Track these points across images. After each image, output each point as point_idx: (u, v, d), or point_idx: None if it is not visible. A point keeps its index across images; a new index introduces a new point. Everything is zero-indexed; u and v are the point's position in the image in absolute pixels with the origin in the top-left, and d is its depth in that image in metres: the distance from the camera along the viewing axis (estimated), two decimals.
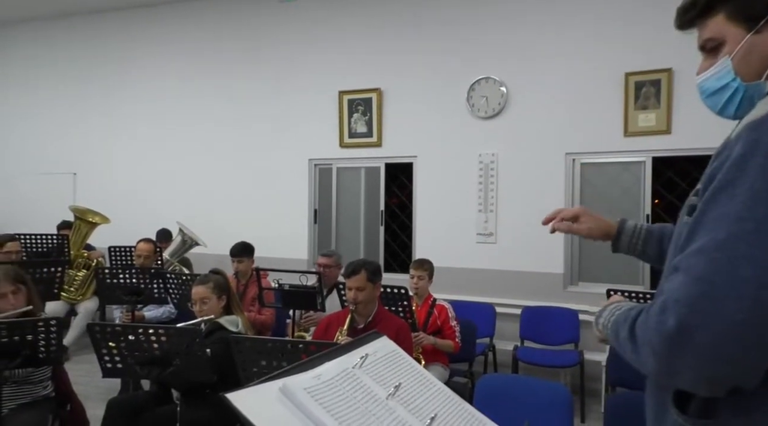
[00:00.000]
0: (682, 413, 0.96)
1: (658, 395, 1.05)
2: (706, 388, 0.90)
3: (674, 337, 0.86)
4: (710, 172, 0.95)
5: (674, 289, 0.89)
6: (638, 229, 1.48)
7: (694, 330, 0.85)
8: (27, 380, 2.63)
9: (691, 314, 0.85)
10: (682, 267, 0.89)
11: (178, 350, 2.42)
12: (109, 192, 6.84)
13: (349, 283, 3.06)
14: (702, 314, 0.84)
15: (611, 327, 1.07)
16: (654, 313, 0.91)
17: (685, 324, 0.85)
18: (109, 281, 4.21)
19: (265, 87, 6.29)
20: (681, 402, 0.97)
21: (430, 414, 1.00)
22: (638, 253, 1.49)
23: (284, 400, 0.88)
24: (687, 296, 0.86)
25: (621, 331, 1.01)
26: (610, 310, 1.11)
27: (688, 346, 0.85)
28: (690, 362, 0.86)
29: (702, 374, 0.87)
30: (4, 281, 2.63)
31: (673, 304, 0.87)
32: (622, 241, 1.50)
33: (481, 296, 5.08)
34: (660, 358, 0.89)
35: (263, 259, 4.77)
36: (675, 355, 0.87)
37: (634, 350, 0.96)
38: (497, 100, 5.27)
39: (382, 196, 5.89)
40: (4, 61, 7.74)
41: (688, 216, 0.98)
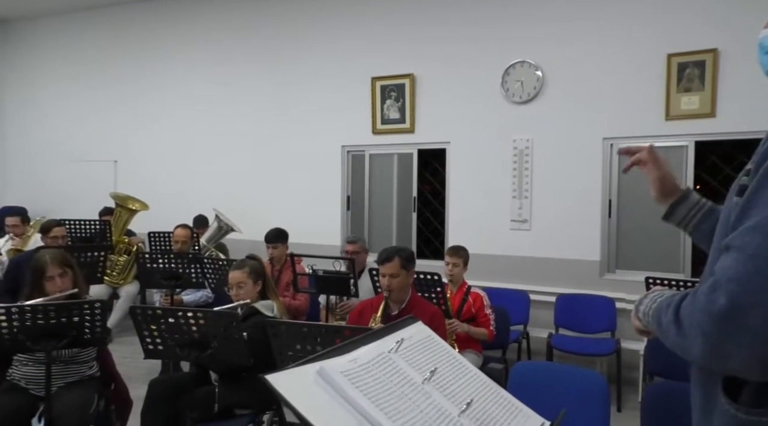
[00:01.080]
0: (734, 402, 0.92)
1: (705, 384, 1.01)
2: (759, 372, 0.86)
3: (726, 317, 0.82)
4: (764, 150, 0.91)
5: (726, 267, 0.85)
6: (702, 202, 1.38)
7: (748, 309, 0.81)
8: (74, 360, 2.73)
9: (744, 293, 0.81)
10: (735, 245, 0.86)
11: (216, 333, 2.47)
12: (147, 179, 7.02)
13: (382, 269, 3.07)
14: (756, 293, 0.81)
15: (653, 314, 1.03)
16: (703, 292, 0.87)
17: (737, 303, 0.82)
18: (149, 266, 4.33)
19: (298, 74, 6.32)
20: (731, 391, 0.93)
21: (466, 399, 1.00)
22: (691, 227, 1.37)
23: (321, 382, 0.89)
24: (740, 274, 0.82)
25: (664, 317, 0.97)
26: (652, 297, 1.08)
27: (740, 326, 0.82)
28: (743, 343, 0.82)
29: (755, 356, 0.83)
30: (51, 265, 2.73)
31: (725, 283, 0.84)
32: (680, 210, 1.38)
33: (515, 283, 5.03)
34: (709, 339, 0.85)
35: (297, 246, 4.82)
36: (726, 336, 0.83)
37: (680, 333, 0.92)
38: (532, 84, 5.17)
39: (415, 182, 5.87)
40: (47, 53, 7.98)
41: (738, 196, 0.94)
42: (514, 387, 2.22)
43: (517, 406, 1.09)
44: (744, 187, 0.92)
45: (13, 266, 4.35)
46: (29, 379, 2.66)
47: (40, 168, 7.95)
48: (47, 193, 7.75)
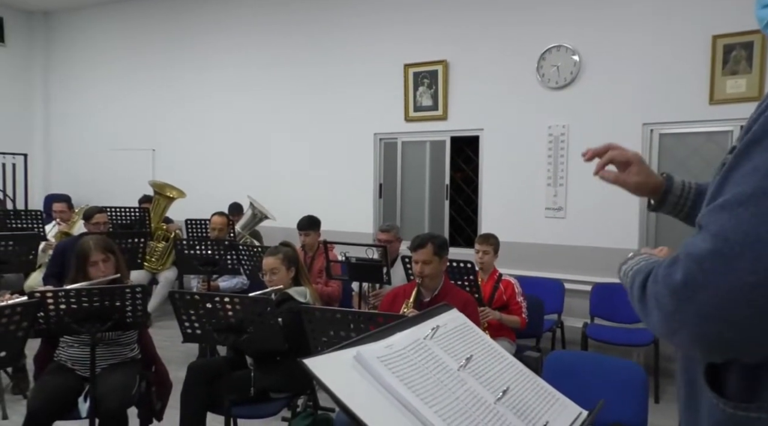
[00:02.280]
0: (720, 395, 0.89)
1: (688, 370, 0.98)
2: (705, 352, 0.85)
3: (678, 292, 0.81)
4: (747, 124, 0.87)
5: (689, 243, 0.83)
6: (687, 187, 1.30)
7: (700, 287, 0.79)
8: (116, 342, 2.83)
9: (698, 271, 0.79)
10: (703, 223, 0.83)
11: (252, 318, 2.52)
12: (184, 167, 7.16)
13: (415, 256, 3.06)
14: (710, 272, 0.78)
15: (631, 275, 1.00)
16: (664, 265, 0.85)
17: (691, 281, 0.79)
18: (186, 252, 4.44)
19: (331, 62, 6.32)
20: (715, 380, 0.90)
21: (502, 387, 1.00)
22: (684, 215, 1.31)
23: (358, 367, 0.90)
24: (700, 252, 0.80)
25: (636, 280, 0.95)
26: (638, 259, 1.05)
27: (690, 302, 0.79)
28: (690, 320, 0.80)
29: (699, 334, 0.81)
30: (95, 250, 2.82)
31: (683, 258, 0.81)
32: (668, 200, 1.31)
33: (549, 272, 4.96)
34: (663, 312, 0.84)
35: (329, 233, 4.86)
36: (676, 312, 0.81)
37: (641, 301, 0.90)
38: (569, 69, 5.05)
39: (448, 170, 5.83)
40: (88, 44, 8.19)
41: None
42: (548, 376, 2.19)
43: (554, 394, 1.08)
44: (724, 164, 0.88)
45: (59, 252, 4.52)
46: (75, 360, 2.76)
47: (83, 157, 8.21)
48: (89, 181, 8.00)
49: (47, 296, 2.49)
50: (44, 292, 2.51)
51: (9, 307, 2.22)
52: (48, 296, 2.49)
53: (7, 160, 7.57)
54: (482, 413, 0.92)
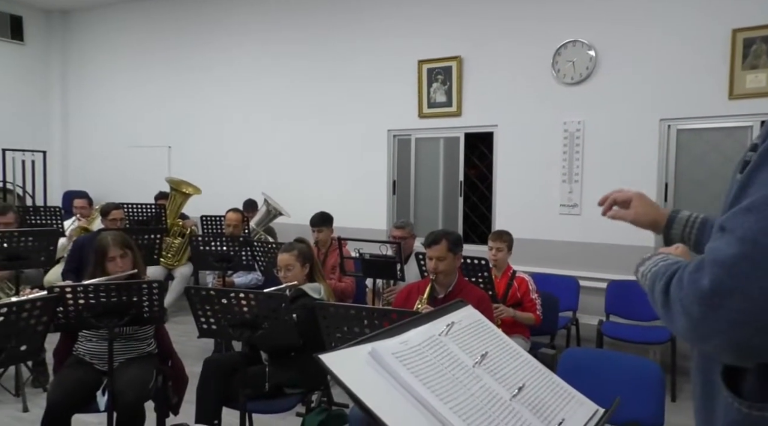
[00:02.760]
0: (737, 395, 0.87)
1: (705, 370, 0.96)
2: (735, 358, 0.83)
3: (707, 299, 0.79)
4: None
5: (714, 248, 0.81)
6: (693, 219, 1.35)
7: (729, 293, 0.77)
8: (134, 337, 2.86)
9: (727, 277, 0.77)
10: (728, 227, 0.81)
11: (267, 314, 2.53)
12: (200, 164, 7.22)
13: (429, 252, 3.06)
14: (739, 278, 0.76)
15: (650, 277, 1.00)
16: (689, 271, 0.84)
17: (719, 286, 0.78)
18: (202, 248, 4.47)
19: (345, 59, 6.32)
20: (732, 379, 0.89)
21: (517, 384, 0.99)
22: (692, 245, 1.35)
23: (373, 363, 0.90)
24: (726, 257, 0.78)
25: (657, 284, 0.94)
26: (655, 260, 1.04)
27: (720, 309, 0.78)
28: (720, 327, 0.79)
29: (730, 341, 0.79)
30: (113, 246, 2.85)
31: (710, 264, 0.80)
32: (674, 230, 1.37)
33: (564, 269, 4.92)
34: (689, 318, 0.82)
35: (342, 230, 4.87)
36: (706, 318, 0.80)
37: (665, 306, 0.89)
38: (585, 64, 5.00)
39: (462, 166, 5.81)
40: (105, 43, 8.27)
41: (740, 173, 0.88)
42: (564, 373, 2.16)
43: (569, 392, 1.07)
44: (748, 163, 0.86)
45: (77, 248, 4.59)
46: (93, 354, 2.80)
47: (100, 153, 8.31)
48: (106, 178, 8.09)
49: (66, 291, 2.53)
50: (63, 287, 2.55)
51: (29, 301, 2.25)
52: (67, 291, 2.53)
53: (26, 157, 7.69)
54: (498, 410, 0.91)
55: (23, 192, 7.72)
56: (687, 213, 1.37)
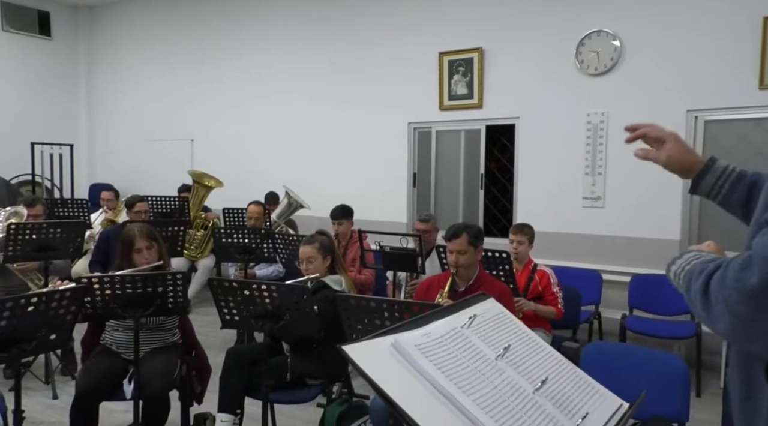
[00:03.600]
0: None
1: (746, 369, 0.93)
2: None
3: (756, 298, 0.75)
4: None
5: (763, 244, 0.78)
6: (729, 171, 1.24)
7: None
8: (159, 327, 2.91)
9: None
10: None
11: (288, 306, 2.55)
12: (222, 157, 7.29)
13: (450, 246, 3.05)
14: None
15: (684, 276, 0.95)
16: (734, 268, 0.80)
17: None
18: (224, 241, 4.52)
19: (365, 51, 6.31)
20: None
21: (540, 377, 0.99)
22: (720, 198, 1.25)
23: (396, 354, 0.90)
24: None
25: (694, 283, 0.89)
26: (687, 258, 1.00)
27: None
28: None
29: None
30: (140, 237, 2.90)
31: (760, 261, 0.76)
32: (706, 180, 1.25)
33: (587, 262, 4.87)
34: (736, 319, 0.78)
35: (363, 222, 4.88)
36: (754, 317, 0.76)
37: (705, 307, 0.85)
38: (609, 54, 4.91)
39: (483, 159, 5.77)
40: (130, 37, 8.39)
41: None
42: (587, 367, 2.15)
43: (593, 386, 1.06)
44: None
45: (103, 240, 4.68)
46: (120, 343, 2.86)
47: (125, 146, 8.45)
48: (131, 171, 8.23)
49: (94, 282, 2.59)
50: (91, 278, 2.61)
51: (58, 292, 2.31)
52: (94, 282, 2.59)
53: (54, 151, 7.86)
54: (521, 403, 0.91)
55: (51, 184, 7.90)
56: (724, 164, 1.25)
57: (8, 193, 7.26)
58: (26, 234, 3.70)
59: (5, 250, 3.68)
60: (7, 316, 2.11)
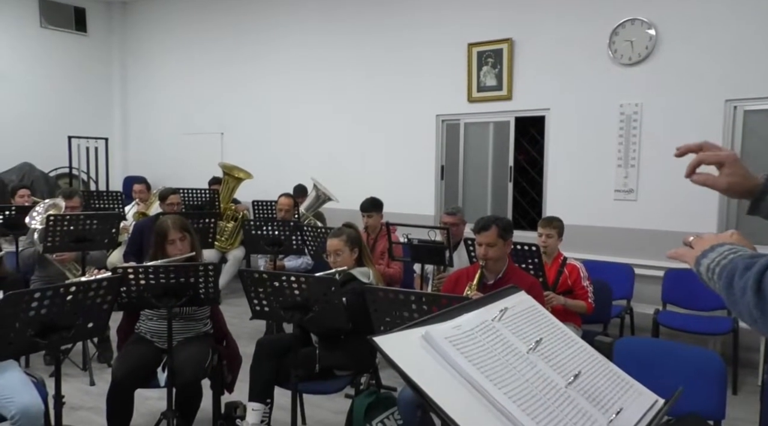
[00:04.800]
0: None
1: None
2: None
3: None
4: None
5: None
6: None
7: None
8: (191, 317, 2.97)
9: None
10: None
11: (317, 297, 2.57)
12: (251, 150, 7.37)
13: (479, 238, 3.02)
14: None
15: (721, 271, 0.87)
16: None
17: None
18: (254, 233, 4.58)
19: (393, 43, 6.28)
20: None
21: (573, 371, 0.97)
22: None
23: (426, 346, 0.90)
24: None
25: (739, 280, 0.82)
26: (721, 251, 0.92)
27: None
28: None
29: None
30: (173, 229, 2.96)
31: None
32: (765, 203, 1.17)
33: (618, 256, 4.78)
34: None
35: (390, 215, 4.88)
36: None
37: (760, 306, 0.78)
38: (644, 43, 4.78)
39: (512, 151, 5.70)
40: (162, 32, 8.53)
41: None
42: (619, 363, 2.11)
43: (627, 381, 1.04)
44: None
45: (137, 231, 4.79)
46: (153, 332, 2.93)
47: (157, 140, 8.62)
48: (163, 164, 8.39)
49: (129, 272, 2.65)
50: (126, 269, 2.67)
51: (95, 281, 2.37)
52: (129, 272, 2.65)
53: (90, 144, 8.06)
54: (553, 397, 0.90)
55: (87, 177, 8.12)
56: None
57: (47, 186, 7.49)
58: (64, 225, 3.81)
59: (44, 241, 3.80)
60: (47, 304, 2.18)
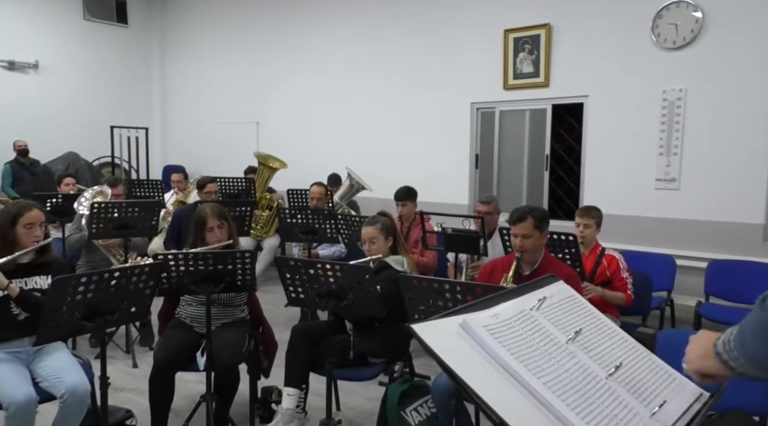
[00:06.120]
0: None
1: None
2: None
3: None
4: None
5: None
6: None
7: None
8: (229, 303, 3.03)
9: None
10: None
11: (351, 285, 2.59)
12: (286, 139, 7.45)
13: (514, 230, 2.98)
14: None
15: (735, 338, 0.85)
16: None
17: None
18: (288, 221, 4.63)
19: (427, 31, 6.22)
20: None
21: (614, 362, 0.96)
22: None
23: (464, 334, 0.90)
24: None
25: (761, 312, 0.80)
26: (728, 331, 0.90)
27: None
28: None
29: None
30: (212, 217, 3.02)
31: None
32: None
33: (659, 247, 4.66)
34: None
35: (424, 204, 4.86)
36: None
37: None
38: (690, 26, 4.61)
39: (548, 139, 5.60)
40: (200, 25, 8.66)
41: None
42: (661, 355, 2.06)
43: (670, 373, 1.02)
44: None
45: (176, 219, 4.91)
46: (193, 317, 3.00)
47: (195, 130, 8.78)
48: (200, 153, 8.56)
49: (169, 259, 2.72)
50: (167, 255, 2.74)
51: (138, 267, 2.44)
52: (170, 259, 2.72)
53: (131, 134, 8.28)
54: (593, 388, 0.88)
55: (129, 166, 8.34)
56: None
57: (91, 174, 7.74)
58: (108, 212, 3.94)
59: (90, 227, 3.93)
60: (93, 289, 2.25)
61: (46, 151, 7.56)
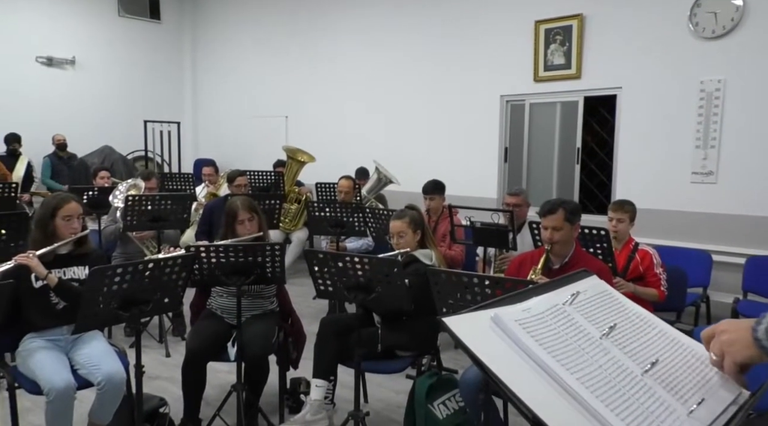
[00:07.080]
0: None
1: None
2: None
3: None
4: None
5: None
6: None
7: None
8: (259, 295, 3.08)
9: None
10: None
11: (380, 278, 2.59)
12: (314, 133, 7.49)
13: (544, 222, 2.94)
14: None
15: None
16: None
17: None
18: (317, 214, 4.66)
19: (456, 22, 6.17)
20: None
21: (650, 358, 0.93)
22: None
23: (495, 328, 0.89)
24: None
25: None
26: None
27: None
28: None
29: None
30: (242, 209, 3.06)
31: None
32: None
33: (695, 242, 4.54)
34: None
35: (452, 197, 4.83)
36: None
37: None
38: (729, 15, 4.46)
39: (579, 132, 5.50)
40: (232, 19, 8.76)
41: None
42: None
43: (710, 369, 0.99)
44: None
45: (207, 212, 4.98)
46: (224, 308, 3.05)
47: (225, 123, 8.91)
48: (230, 147, 8.68)
49: (201, 251, 2.76)
50: (199, 247, 2.79)
51: (171, 259, 2.49)
52: (202, 251, 2.76)
53: (163, 128, 8.44)
54: (628, 384, 0.87)
55: (161, 159, 8.51)
56: None
57: (125, 168, 7.92)
58: (142, 205, 4.02)
59: (124, 220, 4.03)
60: (128, 279, 2.31)
61: (83, 145, 7.76)
